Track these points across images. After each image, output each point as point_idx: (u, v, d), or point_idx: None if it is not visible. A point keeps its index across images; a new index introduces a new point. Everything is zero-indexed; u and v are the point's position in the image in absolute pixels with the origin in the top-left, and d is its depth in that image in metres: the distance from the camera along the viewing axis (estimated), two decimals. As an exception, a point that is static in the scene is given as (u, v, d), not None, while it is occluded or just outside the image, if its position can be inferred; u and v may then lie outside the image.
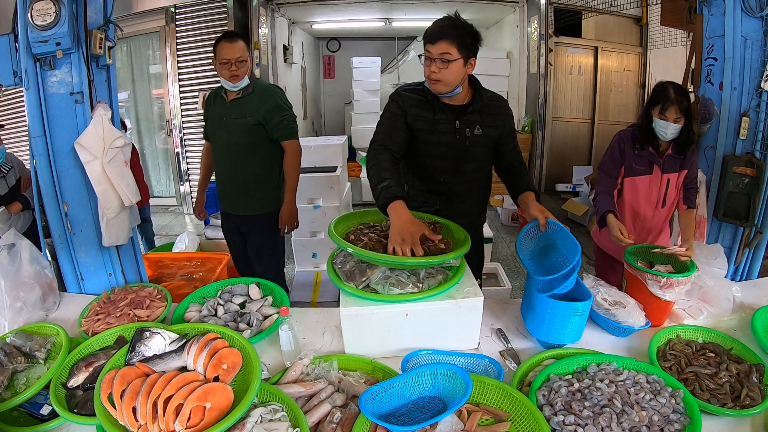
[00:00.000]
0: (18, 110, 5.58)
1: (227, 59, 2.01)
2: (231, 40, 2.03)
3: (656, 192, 1.86)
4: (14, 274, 1.57)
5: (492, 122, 1.65)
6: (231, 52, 2.01)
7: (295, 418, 1.07)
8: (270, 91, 2.17)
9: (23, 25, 1.61)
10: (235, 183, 2.22)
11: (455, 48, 1.47)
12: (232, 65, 2.02)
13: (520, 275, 3.74)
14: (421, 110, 1.61)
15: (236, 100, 2.12)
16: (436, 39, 1.47)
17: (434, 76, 1.50)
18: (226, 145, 2.17)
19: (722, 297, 1.64)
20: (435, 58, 1.48)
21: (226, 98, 2.14)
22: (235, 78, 2.05)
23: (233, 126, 2.12)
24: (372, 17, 6.38)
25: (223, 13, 5.17)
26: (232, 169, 2.20)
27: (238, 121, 2.11)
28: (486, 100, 1.64)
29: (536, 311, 1.40)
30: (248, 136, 2.13)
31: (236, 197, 2.24)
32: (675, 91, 1.70)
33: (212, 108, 2.21)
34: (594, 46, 5.72)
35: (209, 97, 2.25)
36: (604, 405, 1.14)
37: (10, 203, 2.45)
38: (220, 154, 2.23)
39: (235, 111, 2.12)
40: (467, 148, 1.65)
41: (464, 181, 1.71)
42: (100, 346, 1.38)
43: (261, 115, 2.10)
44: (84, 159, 1.72)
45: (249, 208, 2.25)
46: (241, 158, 2.17)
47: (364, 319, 1.36)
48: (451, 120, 1.61)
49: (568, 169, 5.75)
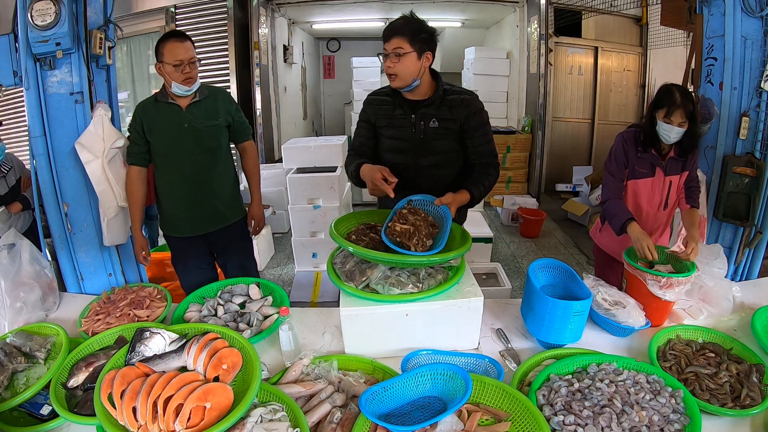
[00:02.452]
0: (18, 110, 5.58)
1: (180, 60, 1.76)
2: (181, 39, 1.79)
3: (659, 194, 1.85)
4: (14, 274, 1.57)
5: (450, 115, 1.65)
6: (184, 52, 1.76)
7: (295, 418, 1.07)
8: (226, 93, 2.01)
9: (23, 25, 1.62)
10: (207, 196, 1.96)
11: (407, 42, 1.54)
12: (185, 66, 1.77)
13: (520, 275, 3.74)
14: (383, 109, 1.72)
15: (196, 104, 1.88)
16: (389, 36, 1.56)
17: (389, 71, 1.58)
18: (194, 154, 1.89)
19: (722, 297, 1.64)
20: (389, 54, 1.56)
21: (179, 104, 1.86)
22: (190, 80, 1.80)
23: (205, 130, 1.89)
24: (372, 17, 6.37)
25: (223, 13, 5.17)
26: (199, 181, 1.93)
27: (209, 123, 1.89)
28: (445, 94, 1.66)
29: (536, 311, 1.40)
30: (221, 139, 1.95)
31: (207, 212, 1.98)
32: (681, 94, 1.66)
33: (156, 118, 1.86)
34: (594, 46, 5.72)
35: (144, 108, 1.89)
36: (604, 405, 1.14)
37: (10, 203, 2.45)
38: (184, 168, 1.90)
39: (200, 114, 1.88)
40: (425, 141, 1.68)
41: (428, 176, 1.72)
42: (100, 346, 1.38)
43: (230, 116, 1.96)
44: (84, 159, 1.73)
45: (222, 220, 2.03)
46: (216, 165, 1.95)
47: (364, 319, 1.36)
48: (407, 114, 1.67)
49: (568, 169, 5.75)
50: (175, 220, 2.00)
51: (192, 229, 2.00)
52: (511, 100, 6.22)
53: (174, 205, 1.98)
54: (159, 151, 1.90)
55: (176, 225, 2.00)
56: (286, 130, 6.47)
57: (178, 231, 2.01)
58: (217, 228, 2.02)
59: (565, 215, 5.16)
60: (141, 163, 1.91)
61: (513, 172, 5.63)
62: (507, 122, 6.14)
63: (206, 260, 2.11)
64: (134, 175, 1.90)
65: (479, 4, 5.72)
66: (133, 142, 1.90)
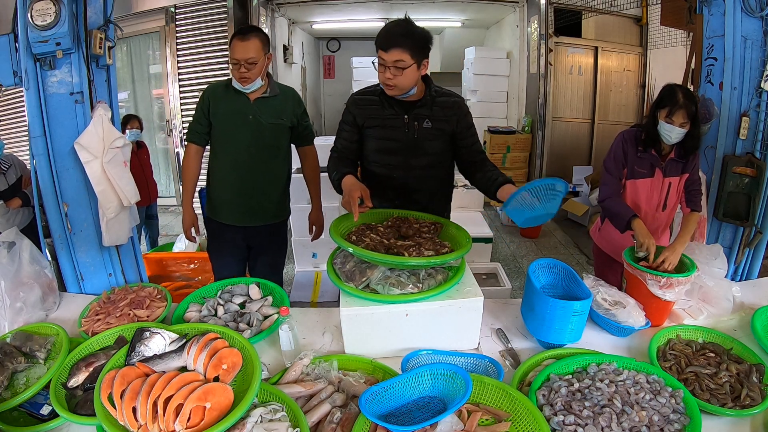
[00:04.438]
0: (18, 110, 5.58)
1: (237, 60, 1.81)
2: (243, 38, 1.81)
3: (657, 195, 1.85)
4: (14, 274, 1.57)
5: (443, 116, 1.66)
6: (242, 52, 1.80)
7: (295, 418, 1.07)
8: (297, 95, 2.06)
9: (23, 25, 1.61)
10: (255, 190, 1.99)
11: (408, 55, 1.50)
12: (242, 66, 1.81)
13: (520, 275, 3.74)
14: (373, 109, 1.68)
15: (264, 99, 1.93)
16: (389, 47, 1.50)
17: (390, 82, 1.55)
18: (252, 147, 1.94)
19: (722, 297, 1.64)
20: (389, 66, 1.51)
21: (248, 96, 1.92)
22: (245, 80, 1.85)
23: (268, 127, 1.93)
24: (372, 17, 6.38)
25: (223, 13, 5.17)
26: (256, 174, 1.97)
27: (273, 121, 1.94)
28: (436, 95, 1.66)
29: (536, 311, 1.40)
30: (281, 139, 2.00)
31: (247, 206, 2.01)
32: (684, 95, 1.67)
33: (223, 103, 1.93)
34: (594, 46, 5.72)
35: (214, 91, 1.97)
36: (604, 405, 1.14)
37: (9, 200, 2.45)
38: (239, 157, 1.96)
39: (266, 110, 1.93)
40: (418, 142, 1.67)
41: (418, 176, 1.72)
42: (100, 346, 1.38)
43: (295, 118, 2.00)
44: (84, 159, 1.72)
45: (263, 218, 2.05)
46: (270, 162, 1.98)
47: (364, 319, 1.36)
48: (400, 114, 1.66)
49: (568, 169, 5.75)
50: (218, 204, 2.05)
51: (232, 218, 2.04)
52: (511, 100, 6.23)
53: (222, 189, 2.02)
54: (218, 136, 1.98)
55: (219, 209, 2.05)
56: (286, 130, 6.47)
57: (220, 216, 2.05)
58: (256, 224, 2.05)
59: (565, 215, 5.16)
60: (200, 142, 2.01)
61: (513, 172, 5.63)
62: (507, 122, 6.14)
63: (239, 252, 2.12)
64: (192, 153, 2.03)
65: (479, 4, 5.73)
66: (195, 121, 1.99)
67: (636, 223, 1.69)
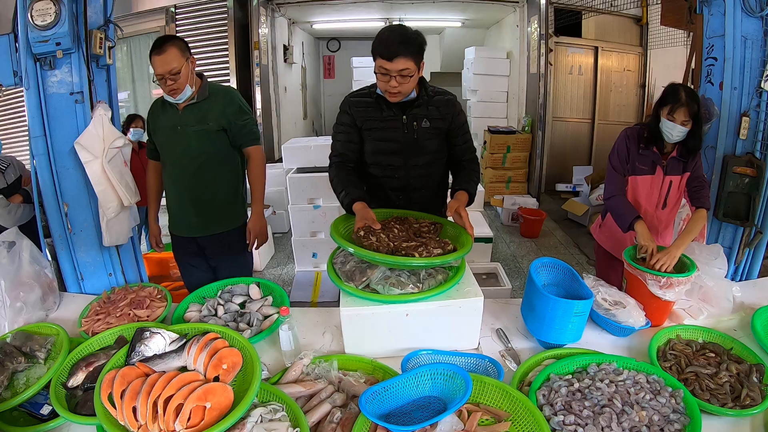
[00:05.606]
0: (18, 110, 5.59)
1: (160, 74, 1.74)
2: (159, 51, 1.73)
3: (657, 193, 1.85)
4: (14, 274, 1.57)
5: (439, 114, 1.68)
6: (162, 66, 1.72)
7: (295, 418, 1.07)
8: (230, 94, 1.94)
9: (23, 25, 1.62)
10: (195, 201, 1.93)
11: (413, 62, 1.50)
12: (167, 80, 1.74)
13: (520, 275, 3.74)
14: (369, 112, 1.68)
15: (191, 106, 1.85)
16: (393, 56, 1.48)
17: (394, 90, 1.54)
18: (183, 158, 1.88)
19: (722, 297, 1.64)
20: (394, 75, 1.51)
21: (177, 106, 1.86)
22: (174, 92, 1.78)
23: (193, 135, 1.85)
24: (372, 17, 6.38)
25: (223, 13, 5.18)
26: (191, 185, 1.91)
27: (198, 128, 1.85)
28: (431, 94, 1.68)
29: (537, 310, 1.40)
30: (210, 145, 1.88)
31: (196, 217, 1.95)
32: (686, 94, 1.68)
33: (161, 119, 1.90)
34: (594, 46, 5.72)
35: (153, 108, 1.95)
36: (604, 405, 1.14)
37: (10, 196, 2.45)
38: (174, 170, 1.93)
39: (193, 118, 1.85)
40: (417, 141, 1.69)
41: (419, 175, 1.74)
42: (100, 346, 1.38)
43: (225, 119, 1.86)
44: (84, 159, 1.73)
45: (213, 227, 1.98)
46: (202, 171, 1.90)
47: (364, 319, 1.36)
48: (398, 115, 1.66)
49: (568, 169, 5.75)
50: (170, 217, 2.06)
51: (182, 230, 2.02)
52: (511, 100, 6.23)
53: (169, 202, 2.04)
54: (160, 151, 1.97)
55: (171, 222, 2.06)
56: (286, 130, 6.48)
57: (173, 228, 2.05)
58: (204, 234, 1.98)
59: (565, 215, 5.16)
60: (155, 157, 2.04)
61: (513, 172, 5.63)
62: (507, 122, 6.14)
63: (201, 262, 2.07)
64: (151, 169, 2.08)
65: (479, 4, 5.73)
66: (148, 138, 2.03)
67: (639, 225, 1.69)
